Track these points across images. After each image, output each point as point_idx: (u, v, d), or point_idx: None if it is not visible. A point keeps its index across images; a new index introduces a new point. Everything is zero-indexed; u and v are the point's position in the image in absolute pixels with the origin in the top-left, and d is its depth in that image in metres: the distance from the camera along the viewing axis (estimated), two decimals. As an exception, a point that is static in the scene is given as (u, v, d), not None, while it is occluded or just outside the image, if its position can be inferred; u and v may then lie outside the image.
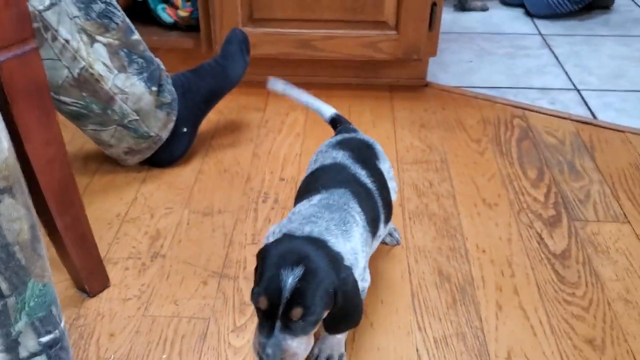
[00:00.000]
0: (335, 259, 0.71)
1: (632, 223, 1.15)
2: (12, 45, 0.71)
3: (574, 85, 1.66)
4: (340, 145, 0.94)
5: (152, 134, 1.24)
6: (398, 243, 1.09)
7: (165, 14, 1.60)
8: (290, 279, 0.65)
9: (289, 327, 0.68)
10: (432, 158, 1.35)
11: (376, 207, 0.87)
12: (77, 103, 1.13)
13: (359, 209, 0.81)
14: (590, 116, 1.51)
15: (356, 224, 0.79)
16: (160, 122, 1.24)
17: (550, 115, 1.51)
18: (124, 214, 1.18)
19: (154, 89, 1.21)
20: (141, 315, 0.96)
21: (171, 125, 1.27)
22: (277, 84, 1.11)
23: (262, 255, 0.71)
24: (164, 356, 0.90)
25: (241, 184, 1.27)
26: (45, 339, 0.56)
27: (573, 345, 0.91)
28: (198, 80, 1.31)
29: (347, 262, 0.73)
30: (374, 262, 1.04)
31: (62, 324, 0.61)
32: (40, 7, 0.99)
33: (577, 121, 1.48)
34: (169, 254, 1.09)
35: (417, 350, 0.90)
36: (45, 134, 0.80)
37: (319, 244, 0.71)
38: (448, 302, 0.98)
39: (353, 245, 0.76)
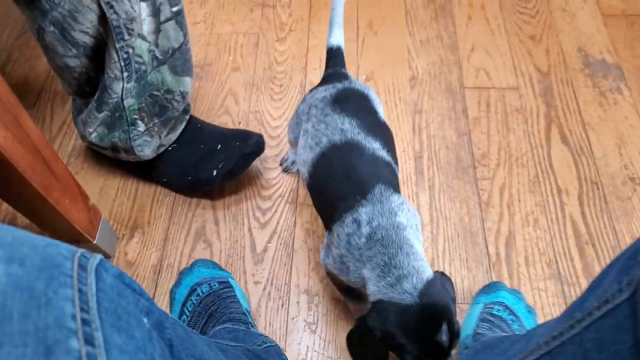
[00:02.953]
0: (440, 287, 0.70)
1: (582, -45, 1.45)
2: None
3: None
4: (340, 105, 0.85)
5: None
6: None
7: None
8: (444, 337, 0.67)
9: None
10: None
11: (394, 172, 0.82)
12: None
13: (399, 201, 0.77)
14: None
15: (407, 232, 0.74)
16: None
17: None
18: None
19: None
20: (209, 34, 1.33)
21: None
22: None
23: (392, 332, 0.68)
24: (231, 57, 1.28)
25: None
26: (175, 8, 0.91)
27: (519, 40, 1.28)
28: None
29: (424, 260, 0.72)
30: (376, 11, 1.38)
31: (182, 3, 0.95)
32: None
33: None
34: (221, -9, 1.42)
35: (407, 47, 1.28)
36: None
37: (426, 291, 0.68)
38: (431, 16, 1.34)
39: (420, 249, 0.74)
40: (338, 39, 0.95)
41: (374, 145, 0.81)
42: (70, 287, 0.28)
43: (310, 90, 0.92)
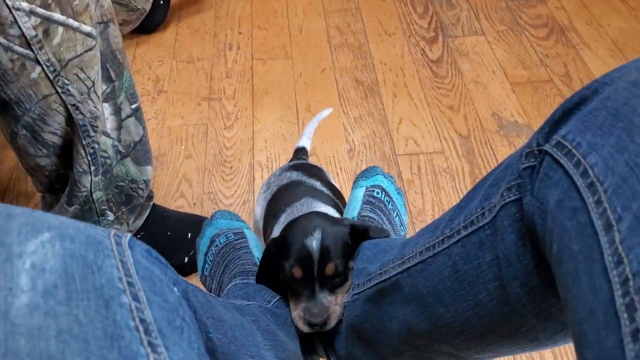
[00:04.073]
0: (335, 219, 0.75)
1: (486, 35, 1.67)
2: None
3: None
4: (293, 167, 0.99)
5: (139, 7, 1.65)
6: None
7: None
8: (314, 243, 0.69)
9: (326, 286, 0.71)
10: (349, 6, 1.81)
11: (334, 201, 0.90)
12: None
13: (322, 204, 0.86)
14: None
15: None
16: (143, -3, 1.65)
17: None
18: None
19: (136, -28, 1.60)
20: (161, 127, 1.45)
21: None
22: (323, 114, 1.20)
23: (278, 242, 0.73)
24: (183, 147, 1.39)
25: (210, 39, 1.72)
26: (134, 105, 1.02)
27: (440, 111, 1.45)
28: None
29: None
30: (313, 85, 1.54)
31: (139, 100, 1.06)
32: None
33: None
34: (169, 89, 1.55)
35: (343, 124, 1.43)
36: None
37: (319, 213, 0.77)
38: (362, 97, 1.50)
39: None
40: (305, 143, 1.13)
41: (314, 183, 0.92)
42: (113, 257, 0.36)
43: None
